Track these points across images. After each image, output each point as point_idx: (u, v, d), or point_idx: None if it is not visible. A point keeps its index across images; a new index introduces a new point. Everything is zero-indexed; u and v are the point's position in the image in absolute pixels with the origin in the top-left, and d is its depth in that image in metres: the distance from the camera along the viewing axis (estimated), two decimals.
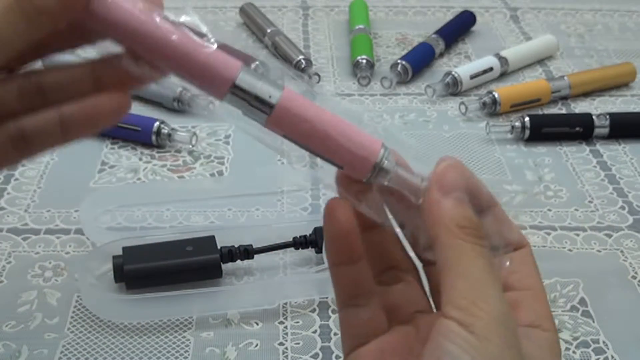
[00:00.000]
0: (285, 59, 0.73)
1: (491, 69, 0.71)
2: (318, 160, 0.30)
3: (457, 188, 0.28)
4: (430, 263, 0.32)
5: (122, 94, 0.29)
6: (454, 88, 0.69)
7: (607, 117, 0.63)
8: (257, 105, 0.28)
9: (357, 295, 0.31)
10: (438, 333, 0.26)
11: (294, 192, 0.56)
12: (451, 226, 0.28)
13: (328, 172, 0.30)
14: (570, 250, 0.51)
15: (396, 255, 0.32)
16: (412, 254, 0.32)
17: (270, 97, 0.28)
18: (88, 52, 0.30)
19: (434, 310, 0.32)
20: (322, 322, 0.45)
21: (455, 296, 0.27)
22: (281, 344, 0.44)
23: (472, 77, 0.70)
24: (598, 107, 0.69)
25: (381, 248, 0.32)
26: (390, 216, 0.32)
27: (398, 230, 0.32)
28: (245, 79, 0.28)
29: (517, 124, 0.63)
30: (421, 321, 0.31)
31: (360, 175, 0.29)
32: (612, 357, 0.43)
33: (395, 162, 0.29)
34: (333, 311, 0.46)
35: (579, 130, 0.63)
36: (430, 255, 0.30)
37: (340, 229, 0.29)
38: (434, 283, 0.32)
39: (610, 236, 0.52)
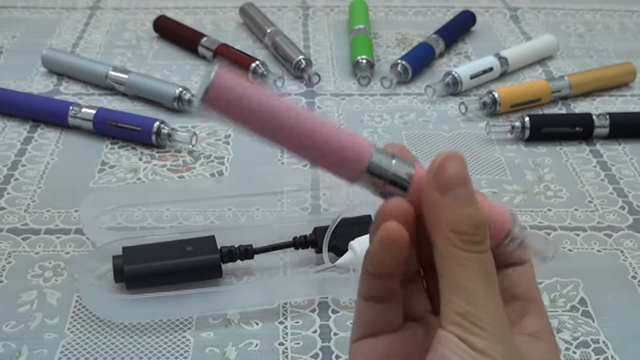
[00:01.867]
0: (285, 59, 0.73)
1: (491, 69, 0.71)
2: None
3: (457, 183, 0.26)
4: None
5: None
6: (454, 88, 0.69)
7: (607, 117, 0.63)
8: (394, 185, 0.27)
9: (384, 297, 0.30)
10: (439, 343, 0.26)
11: (294, 192, 0.56)
12: (446, 231, 0.26)
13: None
14: (570, 250, 0.51)
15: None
16: None
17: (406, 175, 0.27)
18: None
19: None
20: (322, 322, 0.45)
21: (450, 311, 0.26)
22: (281, 344, 0.43)
23: (472, 77, 0.70)
24: (598, 107, 0.69)
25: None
26: None
27: None
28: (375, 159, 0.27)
29: (517, 124, 0.63)
30: (432, 321, 0.31)
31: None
32: (612, 357, 0.43)
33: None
34: (333, 311, 0.46)
35: (579, 130, 0.63)
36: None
37: (395, 247, 0.27)
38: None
39: (610, 236, 0.52)
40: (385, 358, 0.30)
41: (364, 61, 0.72)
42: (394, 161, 0.27)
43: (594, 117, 0.63)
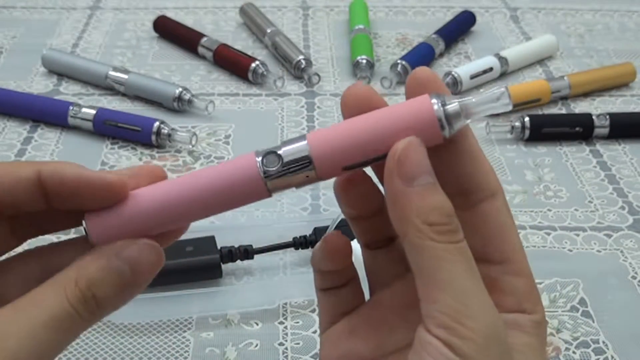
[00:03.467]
0: (285, 59, 0.73)
1: (491, 69, 0.71)
2: None
3: (423, 171, 0.24)
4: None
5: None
6: (454, 88, 0.69)
7: (607, 117, 0.63)
8: (297, 169, 0.26)
9: (340, 286, 0.30)
10: (423, 349, 0.24)
11: (293, 192, 0.56)
12: (419, 224, 0.24)
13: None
14: (570, 250, 0.51)
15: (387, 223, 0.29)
16: None
17: (299, 153, 0.26)
18: None
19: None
20: None
21: (436, 312, 0.24)
22: (281, 344, 0.43)
23: (472, 77, 0.70)
24: (598, 107, 0.69)
25: (375, 220, 0.29)
26: None
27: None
28: (265, 161, 0.26)
29: (517, 124, 0.63)
30: (399, 285, 0.29)
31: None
32: (612, 357, 0.43)
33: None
34: None
35: (579, 130, 0.63)
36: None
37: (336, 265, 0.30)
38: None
39: (610, 236, 0.52)
40: (350, 335, 0.30)
41: (364, 61, 0.72)
42: (282, 150, 0.26)
43: (594, 117, 0.63)
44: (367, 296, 0.31)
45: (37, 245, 0.29)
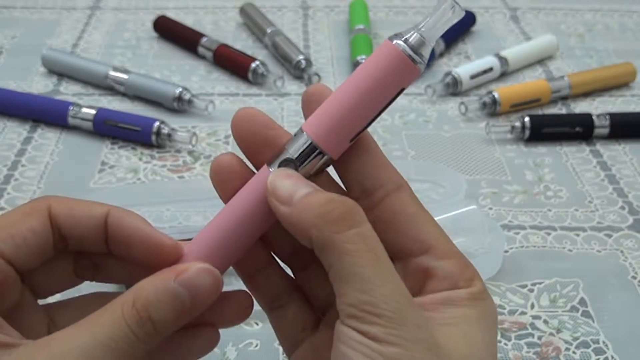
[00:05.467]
0: (285, 59, 0.73)
1: (491, 69, 0.71)
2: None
3: (297, 187, 0.26)
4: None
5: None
6: (454, 88, 0.69)
7: (607, 117, 0.63)
8: (311, 159, 0.28)
9: (277, 296, 0.31)
10: (339, 340, 0.25)
11: None
12: (314, 220, 0.25)
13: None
14: (570, 250, 0.51)
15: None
16: None
17: (305, 143, 0.28)
18: None
19: None
20: None
21: (344, 304, 0.25)
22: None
23: (472, 77, 0.70)
24: (598, 107, 0.69)
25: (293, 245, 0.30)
26: None
27: None
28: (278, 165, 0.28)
29: (517, 124, 0.63)
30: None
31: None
32: (612, 357, 0.43)
33: None
34: None
35: (579, 130, 0.63)
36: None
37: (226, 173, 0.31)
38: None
39: (610, 236, 0.52)
40: (316, 357, 0.30)
41: (364, 61, 0.71)
42: (289, 152, 0.28)
43: (594, 117, 0.63)
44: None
45: (100, 291, 0.31)
